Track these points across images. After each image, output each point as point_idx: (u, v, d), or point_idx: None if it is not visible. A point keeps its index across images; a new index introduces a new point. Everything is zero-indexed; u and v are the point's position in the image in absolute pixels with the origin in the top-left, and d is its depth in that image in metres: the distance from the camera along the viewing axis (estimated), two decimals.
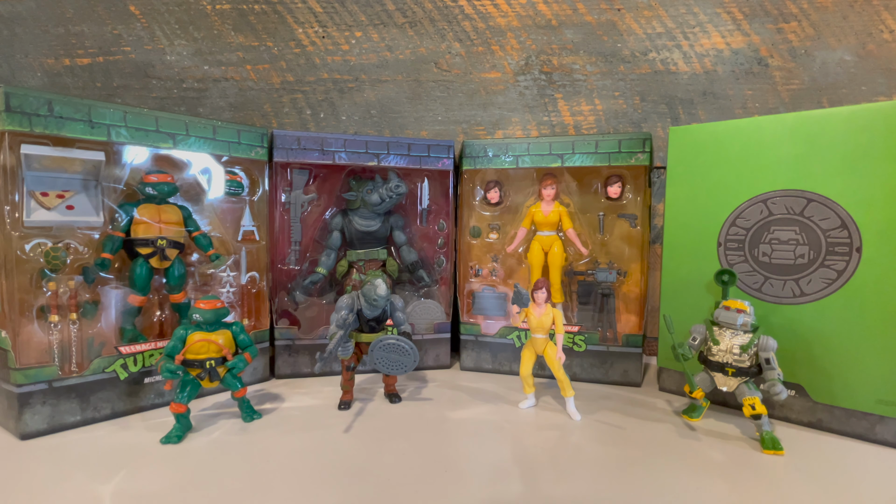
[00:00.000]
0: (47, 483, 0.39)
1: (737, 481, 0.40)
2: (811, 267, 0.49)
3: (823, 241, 0.48)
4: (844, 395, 0.48)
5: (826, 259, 0.48)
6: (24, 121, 0.46)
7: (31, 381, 0.46)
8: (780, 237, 0.50)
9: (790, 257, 0.50)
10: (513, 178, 0.70)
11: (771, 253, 0.51)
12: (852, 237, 0.47)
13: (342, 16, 0.79)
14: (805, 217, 0.49)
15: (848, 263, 0.47)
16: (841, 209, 0.47)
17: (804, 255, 0.49)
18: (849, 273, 0.47)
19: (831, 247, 0.48)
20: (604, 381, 0.64)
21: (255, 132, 0.63)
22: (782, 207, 0.50)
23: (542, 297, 0.53)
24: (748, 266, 0.52)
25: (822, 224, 0.48)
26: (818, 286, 0.49)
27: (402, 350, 0.52)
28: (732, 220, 0.53)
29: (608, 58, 0.79)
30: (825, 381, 0.49)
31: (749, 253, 0.52)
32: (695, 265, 0.56)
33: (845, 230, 0.47)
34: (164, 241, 0.55)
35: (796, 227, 0.50)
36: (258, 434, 0.48)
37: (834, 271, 0.48)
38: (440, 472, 0.41)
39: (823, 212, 0.48)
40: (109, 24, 0.77)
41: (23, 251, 0.47)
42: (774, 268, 0.51)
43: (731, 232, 0.53)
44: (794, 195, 0.50)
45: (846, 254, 0.47)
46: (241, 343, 0.51)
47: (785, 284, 0.50)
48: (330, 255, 0.67)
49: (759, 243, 0.52)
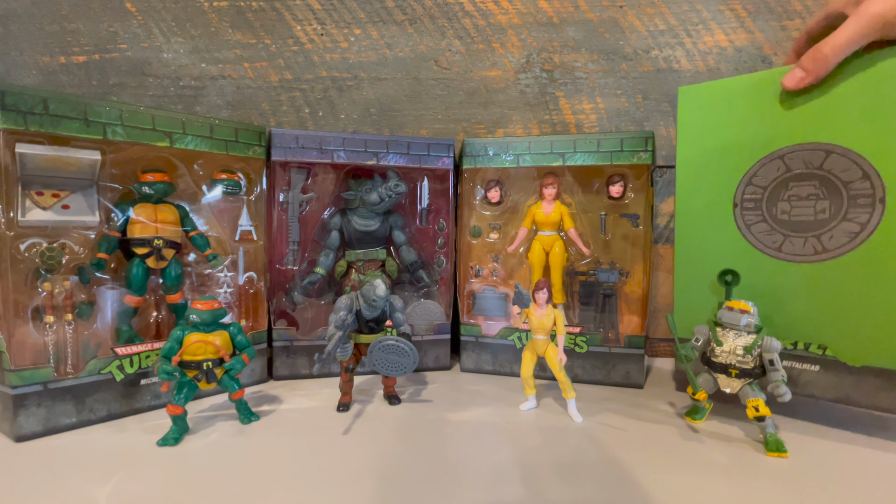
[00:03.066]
0: (42, 486, 0.38)
1: (740, 484, 0.39)
2: (833, 222, 0.47)
3: (845, 193, 0.46)
4: (871, 353, 0.46)
5: (848, 212, 0.46)
6: (19, 119, 0.45)
7: (25, 382, 0.46)
8: (799, 193, 0.49)
9: (810, 213, 0.48)
10: (514, 177, 0.70)
11: (790, 210, 0.49)
12: (875, 188, 0.45)
13: (341, 13, 0.79)
14: (825, 170, 0.47)
15: (871, 215, 0.45)
16: (862, 159, 0.46)
17: (825, 210, 0.47)
18: (872, 225, 0.45)
19: (853, 199, 0.46)
20: (605, 382, 0.64)
21: (253, 131, 0.62)
22: (800, 162, 0.49)
23: (544, 298, 0.52)
24: (766, 226, 0.51)
25: (842, 176, 0.47)
26: (841, 241, 0.47)
27: (402, 351, 0.52)
28: (748, 180, 0.51)
29: (610, 55, 0.78)
30: (851, 340, 0.47)
31: (767, 212, 0.50)
32: (709, 229, 0.54)
33: (867, 181, 0.45)
34: (161, 240, 0.54)
35: (816, 181, 0.48)
36: (256, 436, 0.48)
37: (857, 224, 0.46)
38: (440, 474, 0.40)
39: (844, 163, 0.47)
40: (105, 22, 0.76)
41: (18, 251, 0.47)
42: (794, 225, 0.49)
43: (747, 192, 0.51)
44: (812, 148, 0.48)
45: (869, 205, 0.46)
46: (239, 344, 0.51)
47: (806, 242, 0.48)
48: (329, 255, 0.67)
49: (777, 201, 0.50)
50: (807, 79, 0.47)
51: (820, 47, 0.46)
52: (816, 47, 0.47)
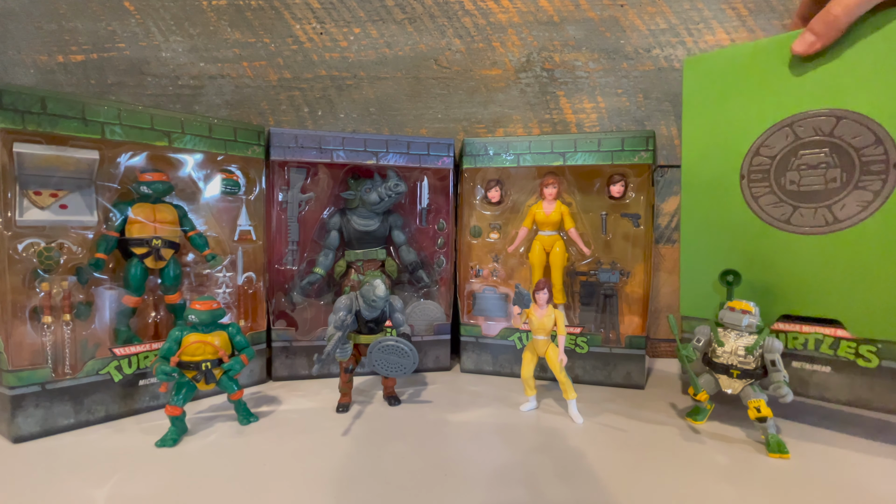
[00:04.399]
0: (40, 487, 0.38)
1: (742, 485, 0.39)
2: (844, 190, 0.45)
3: (857, 160, 0.45)
4: (884, 325, 0.44)
5: (861, 180, 0.45)
6: (16, 118, 0.45)
7: (23, 383, 0.46)
8: (808, 162, 0.47)
9: (821, 182, 0.46)
10: (514, 176, 0.70)
11: (799, 180, 0.47)
12: (888, 153, 0.44)
13: (340, 12, 0.78)
14: (835, 137, 0.46)
15: (885, 182, 0.44)
16: (875, 124, 0.44)
17: (836, 179, 0.46)
18: (887, 192, 0.44)
19: (866, 166, 0.45)
20: (606, 383, 0.64)
21: (252, 130, 0.62)
22: (810, 130, 0.47)
23: (544, 298, 0.52)
24: (774, 197, 0.49)
25: (854, 142, 0.45)
26: (853, 210, 0.45)
27: (402, 352, 0.51)
28: (756, 150, 0.50)
29: (611, 54, 0.78)
30: (863, 312, 0.45)
31: (775, 182, 0.49)
32: (715, 202, 0.53)
33: (881, 146, 0.44)
34: (160, 240, 0.54)
35: (826, 148, 0.46)
36: (255, 437, 0.47)
37: (870, 192, 0.44)
38: (440, 476, 0.40)
39: (855, 129, 0.45)
40: (103, 20, 0.76)
41: (15, 251, 0.47)
42: (804, 195, 0.48)
43: (754, 162, 0.50)
44: (822, 115, 0.46)
45: (882, 172, 0.44)
46: (238, 345, 0.51)
47: (816, 212, 0.47)
48: (328, 255, 0.66)
49: (785, 171, 0.48)
50: (817, 43, 0.46)
51: (830, 9, 0.45)
52: (826, 9, 0.45)
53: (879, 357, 0.46)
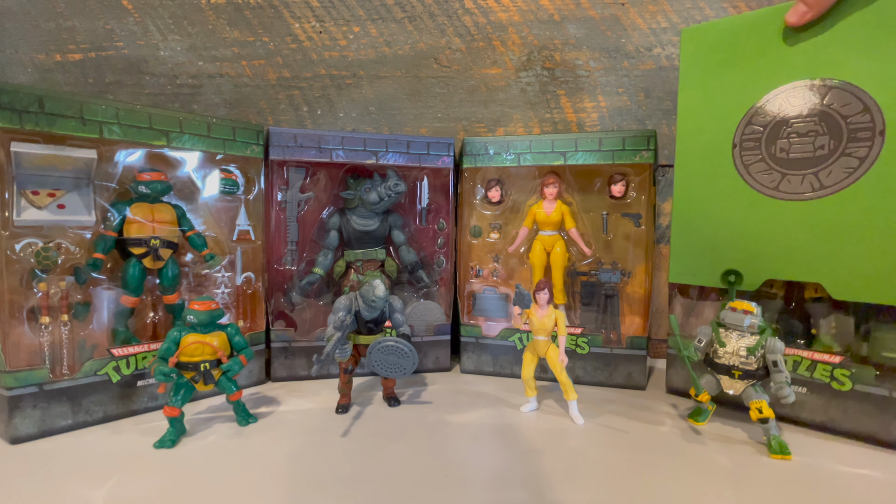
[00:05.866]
0: (38, 489, 0.38)
1: (743, 487, 0.39)
2: (832, 157, 0.47)
3: (844, 128, 0.46)
4: (866, 289, 0.46)
5: (847, 147, 0.46)
6: (14, 117, 0.45)
7: (21, 384, 0.45)
8: (798, 130, 0.48)
9: (809, 150, 0.48)
10: (514, 176, 0.69)
11: (789, 148, 0.49)
12: (875, 120, 0.45)
13: (339, 10, 0.78)
14: (825, 106, 0.47)
15: (871, 149, 0.45)
16: (862, 92, 0.45)
17: (824, 146, 0.47)
18: (872, 159, 0.45)
19: (853, 133, 0.46)
20: (607, 383, 0.63)
21: (251, 129, 0.62)
22: (801, 99, 0.48)
23: (545, 299, 0.52)
24: (764, 165, 0.50)
25: (842, 111, 0.46)
26: (839, 176, 0.46)
27: (401, 352, 0.51)
28: (749, 119, 0.51)
29: (612, 53, 0.77)
30: (846, 275, 0.47)
31: (766, 150, 0.50)
32: (707, 171, 0.54)
33: (867, 114, 0.45)
34: (158, 240, 0.54)
35: (816, 117, 0.48)
36: (254, 438, 0.47)
37: (856, 159, 0.46)
38: (440, 477, 0.40)
39: (844, 97, 0.46)
40: (101, 19, 0.75)
41: (13, 251, 0.46)
42: (793, 163, 0.49)
43: (746, 131, 0.51)
44: (813, 84, 0.48)
45: (868, 139, 0.45)
46: (237, 345, 0.50)
47: (804, 179, 0.48)
48: (327, 256, 0.66)
49: (776, 139, 0.50)
50: (809, 13, 0.47)
51: None
52: None
53: (853, 381, 0.48)
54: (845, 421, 0.48)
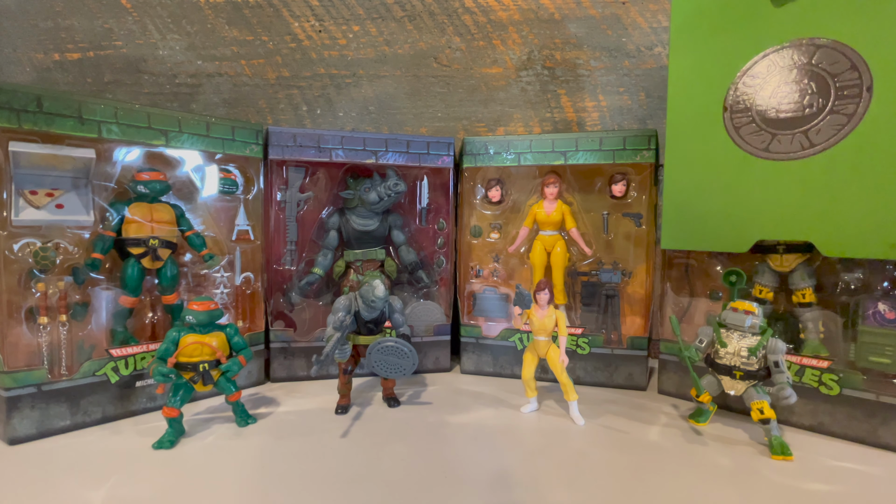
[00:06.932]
0: (36, 490, 0.38)
1: (745, 488, 0.39)
2: (820, 115, 0.47)
3: (832, 85, 0.47)
4: (856, 244, 0.46)
5: (835, 104, 0.47)
6: (12, 117, 0.45)
7: (19, 384, 0.45)
8: (788, 90, 0.49)
9: (799, 109, 0.49)
10: (515, 176, 0.69)
11: (779, 108, 0.49)
12: (862, 77, 0.46)
13: (339, 9, 0.78)
14: (814, 65, 0.48)
15: (858, 105, 0.46)
16: (850, 50, 0.46)
17: (813, 105, 0.48)
18: (859, 115, 0.46)
19: (840, 91, 0.47)
20: (608, 384, 0.63)
21: (250, 129, 0.61)
22: (789, 59, 0.49)
23: (545, 299, 0.52)
24: (754, 126, 0.51)
25: (830, 69, 0.47)
26: (828, 134, 0.47)
27: (401, 353, 0.51)
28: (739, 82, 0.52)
29: (613, 52, 0.77)
30: (836, 232, 0.47)
31: (756, 112, 0.51)
32: (699, 136, 0.54)
33: (855, 71, 0.46)
34: (157, 240, 0.53)
35: (805, 77, 0.48)
36: (253, 439, 0.47)
37: (844, 116, 0.46)
38: (440, 478, 0.40)
39: (832, 56, 0.47)
40: (100, 18, 0.75)
41: (11, 251, 0.46)
42: (782, 123, 0.49)
43: (737, 94, 0.52)
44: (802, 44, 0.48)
45: (856, 96, 0.46)
46: (236, 346, 0.50)
47: (793, 138, 0.49)
48: (327, 256, 0.66)
49: (766, 100, 0.50)
50: None
51: None
52: None
53: (840, 385, 0.48)
54: (833, 425, 0.48)
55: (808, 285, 0.52)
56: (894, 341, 0.47)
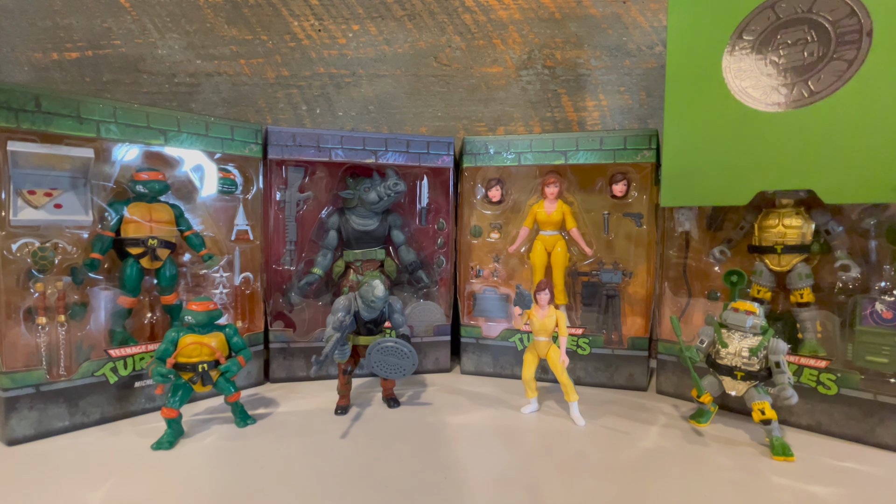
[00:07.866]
0: (35, 491, 0.37)
1: (746, 489, 0.39)
2: (820, 63, 0.47)
3: (832, 32, 0.47)
4: (857, 189, 0.46)
5: (836, 51, 0.47)
6: (10, 117, 0.45)
7: (17, 385, 0.45)
8: (787, 40, 0.49)
9: (799, 59, 0.48)
10: (515, 175, 0.69)
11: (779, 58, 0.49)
12: (862, 22, 0.46)
13: (339, 8, 0.78)
14: (813, 13, 0.48)
15: (859, 51, 0.46)
16: None
17: (813, 53, 0.48)
18: (860, 60, 0.45)
19: (840, 37, 0.47)
20: (609, 385, 0.63)
21: (249, 128, 0.61)
22: (789, 9, 0.49)
23: (545, 299, 0.51)
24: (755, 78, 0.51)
25: (830, 16, 0.47)
26: (829, 81, 0.47)
27: (401, 353, 0.51)
28: (738, 34, 0.51)
29: (613, 52, 0.77)
30: (837, 179, 0.47)
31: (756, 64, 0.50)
32: (699, 92, 0.54)
33: (854, 17, 0.46)
34: (156, 240, 0.53)
35: (805, 25, 0.48)
36: (252, 440, 0.47)
37: (844, 62, 0.46)
38: (440, 479, 0.40)
39: (831, 3, 0.47)
40: (99, 17, 0.75)
41: (9, 251, 0.46)
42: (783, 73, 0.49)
43: (737, 47, 0.51)
44: None
45: (856, 41, 0.46)
46: (235, 346, 0.50)
47: (794, 88, 0.49)
48: (326, 256, 0.66)
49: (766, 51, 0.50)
50: None
51: None
52: None
53: (838, 385, 0.48)
54: (831, 424, 0.48)
55: (806, 285, 0.52)
56: (891, 341, 0.47)
